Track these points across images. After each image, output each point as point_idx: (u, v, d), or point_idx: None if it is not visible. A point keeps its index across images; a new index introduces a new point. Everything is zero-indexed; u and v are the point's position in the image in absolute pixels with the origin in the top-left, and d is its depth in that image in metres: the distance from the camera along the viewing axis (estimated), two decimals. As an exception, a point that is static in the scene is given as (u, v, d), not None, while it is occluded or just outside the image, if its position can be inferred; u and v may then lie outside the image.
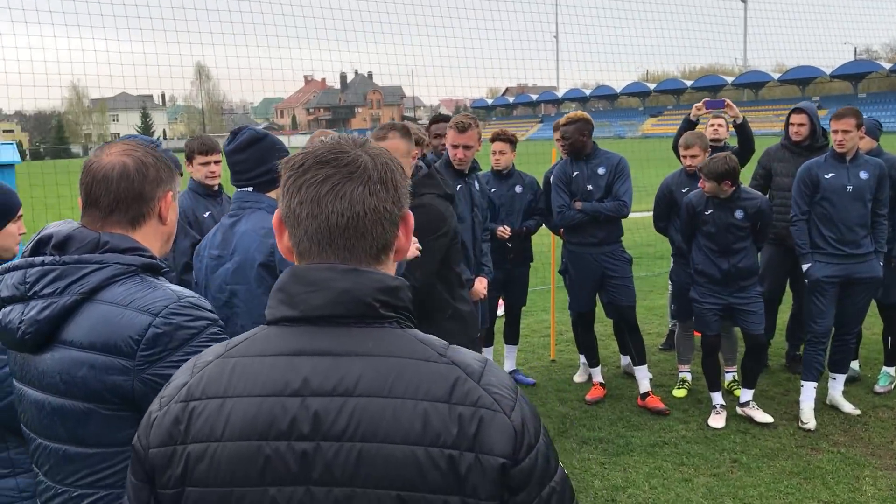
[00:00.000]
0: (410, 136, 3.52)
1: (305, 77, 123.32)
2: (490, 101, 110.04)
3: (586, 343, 6.04)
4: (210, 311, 1.78)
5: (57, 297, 1.71)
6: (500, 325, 6.70)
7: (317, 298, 1.20)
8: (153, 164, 1.88)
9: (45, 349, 1.74)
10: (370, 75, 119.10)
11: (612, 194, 5.57)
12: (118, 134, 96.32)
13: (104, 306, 1.71)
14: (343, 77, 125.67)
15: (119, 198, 1.82)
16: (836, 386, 5.53)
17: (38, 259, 1.77)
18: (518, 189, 6.04)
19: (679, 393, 5.90)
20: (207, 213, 4.59)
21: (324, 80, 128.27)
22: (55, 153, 69.25)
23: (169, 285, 1.79)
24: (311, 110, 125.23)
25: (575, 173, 5.67)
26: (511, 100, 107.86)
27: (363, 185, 1.22)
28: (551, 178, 5.85)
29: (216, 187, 4.79)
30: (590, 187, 5.62)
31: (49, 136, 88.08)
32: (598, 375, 6.03)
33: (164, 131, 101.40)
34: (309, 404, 1.15)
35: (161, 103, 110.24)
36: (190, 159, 4.74)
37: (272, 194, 2.93)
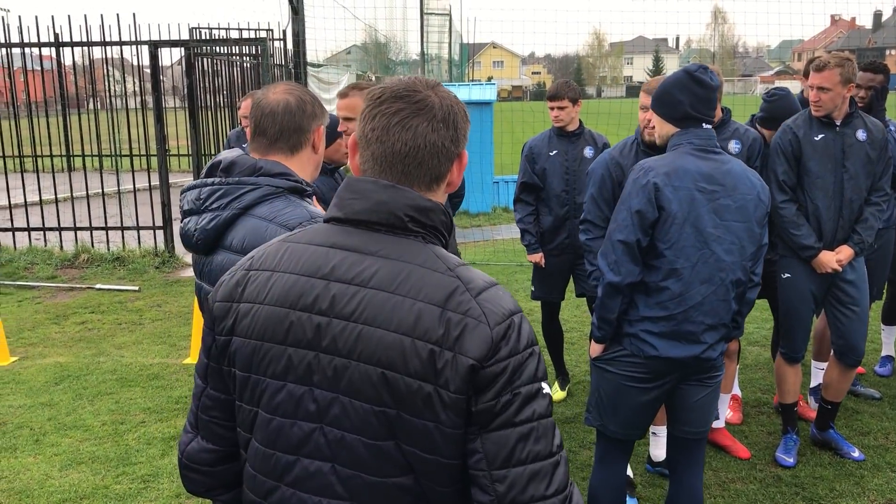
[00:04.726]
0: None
1: (832, 17, 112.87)
2: None
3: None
4: None
5: (220, 210, 2.05)
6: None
7: (358, 205, 1.40)
8: (310, 102, 2.12)
9: (212, 252, 2.09)
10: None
11: None
12: (630, 76, 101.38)
13: (255, 220, 2.01)
14: (877, 15, 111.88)
15: (283, 129, 2.08)
16: None
17: (210, 180, 2.12)
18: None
19: None
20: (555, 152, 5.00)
21: (853, 19, 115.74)
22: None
23: (307, 205, 2.06)
24: (832, 53, 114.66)
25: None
26: None
27: (427, 121, 1.39)
28: None
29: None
30: None
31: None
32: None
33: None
34: (331, 287, 1.36)
35: (675, 46, 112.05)
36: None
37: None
